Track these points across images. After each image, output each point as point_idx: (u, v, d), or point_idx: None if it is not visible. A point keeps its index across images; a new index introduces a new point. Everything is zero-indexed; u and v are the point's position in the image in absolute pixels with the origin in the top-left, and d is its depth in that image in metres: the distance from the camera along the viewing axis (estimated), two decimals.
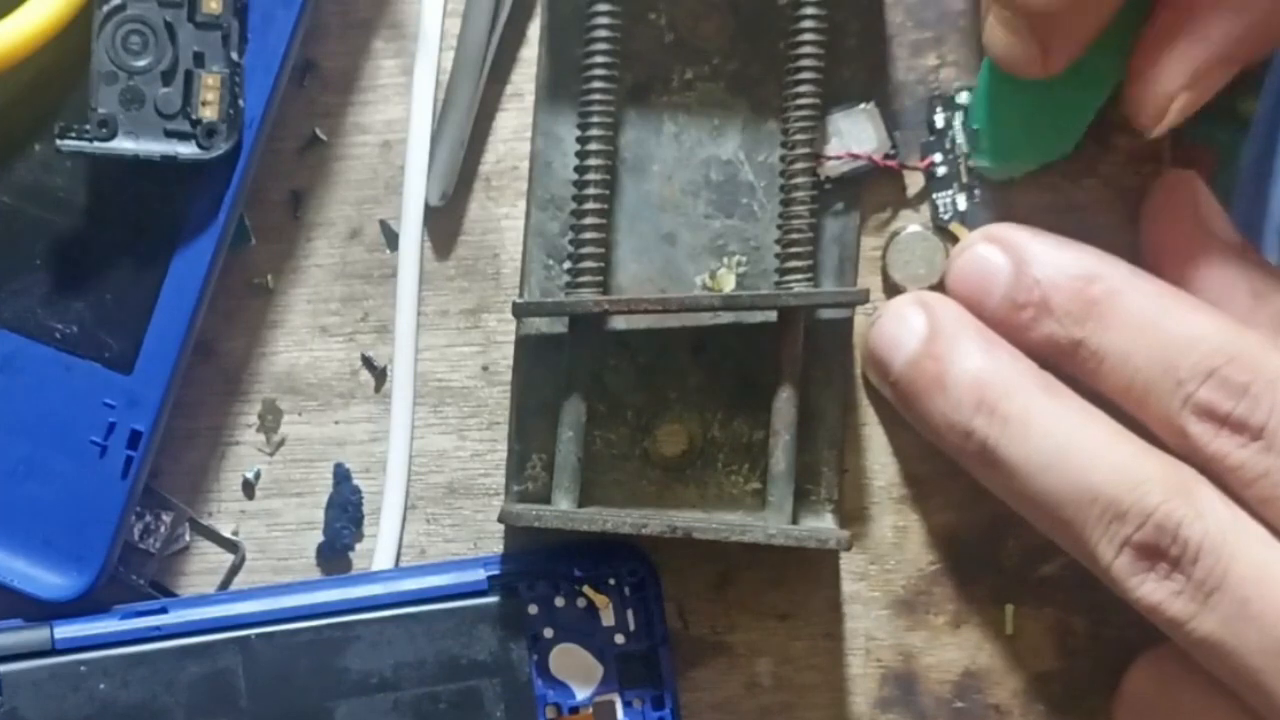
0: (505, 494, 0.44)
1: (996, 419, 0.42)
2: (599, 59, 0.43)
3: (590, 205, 0.43)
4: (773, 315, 0.44)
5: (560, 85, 0.44)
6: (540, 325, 0.44)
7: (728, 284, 0.44)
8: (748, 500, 0.44)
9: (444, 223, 0.45)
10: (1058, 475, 0.41)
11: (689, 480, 0.44)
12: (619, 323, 0.44)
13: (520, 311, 0.43)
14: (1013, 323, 0.43)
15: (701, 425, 0.44)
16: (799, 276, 0.43)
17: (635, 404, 0.44)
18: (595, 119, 0.43)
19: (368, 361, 0.45)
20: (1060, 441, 0.41)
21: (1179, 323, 0.42)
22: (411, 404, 0.45)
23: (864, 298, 0.43)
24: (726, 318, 0.44)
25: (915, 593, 0.46)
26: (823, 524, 0.44)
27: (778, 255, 0.43)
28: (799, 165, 0.43)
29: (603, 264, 0.43)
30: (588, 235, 0.43)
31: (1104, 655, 0.46)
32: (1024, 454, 0.41)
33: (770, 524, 0.43)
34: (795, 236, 0.43)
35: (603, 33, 0.43)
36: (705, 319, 0.44)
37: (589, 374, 0.43)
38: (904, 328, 0.43)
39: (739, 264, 0.44)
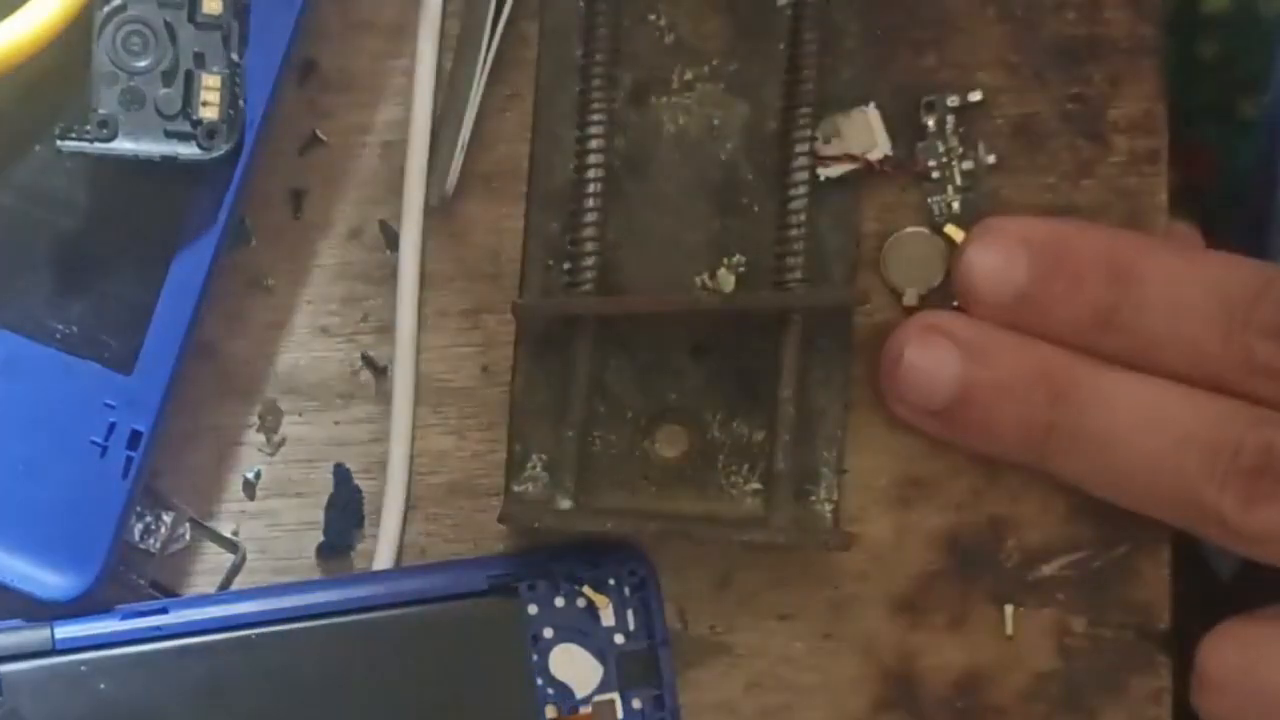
0: (505, 494, 0.44)
1: (1074, 403, 0.42)
2: (598, 59, 0.43)
3: (590, 205, 0.43)
4: (773, 315, 0.44)
5: (560, 85, 0.44)
6: (540, 325, 0.44)
7: (728, 284, 0.44)
8: (748, 500, 0.44)
9: (444, 223, 0.45)
10: (1147, 436, 0.42)
11: (689, 480, 0.44)
12: (619, 323, 0.44)
13: (520, 312, 0.43)
14: (1044, 303, 0.42)
15: (701, 425, 0.44)
16: (798, 276, 0.43)
17: (635, 404, 0.44)
18: (595, 119, 0.43)
19: (369, 360, 0.45)
20: (1138, 403, 0.42)
21: (1211, 261, 0.43)
22: (412, 404, 0.45)
23: (864, 298, 0.43)
24: (726, 318, 0.44)
25: (915, 593, 0.46)
26: (823, 524, 0.44)
27: (777, 255, 0.43)
28: (798, 166, 0.43)
29: (603, 264, 0.43)
30: (588, 235, 0.43)
31: (1104, 655, 0.46)
32: (1110, 425, 0.42)
33: (770, 524, 0.43)
34: (794, 235, 0.43)
35: (602, 33, 0.43)
36: (705, 319, 0.44)
37: (589, 374, 0.43)
38: (935, 356, 0.43)
39: (739, 264, 0.44)
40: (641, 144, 0.44)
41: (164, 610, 0.43)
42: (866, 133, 0.44)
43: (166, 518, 0.45)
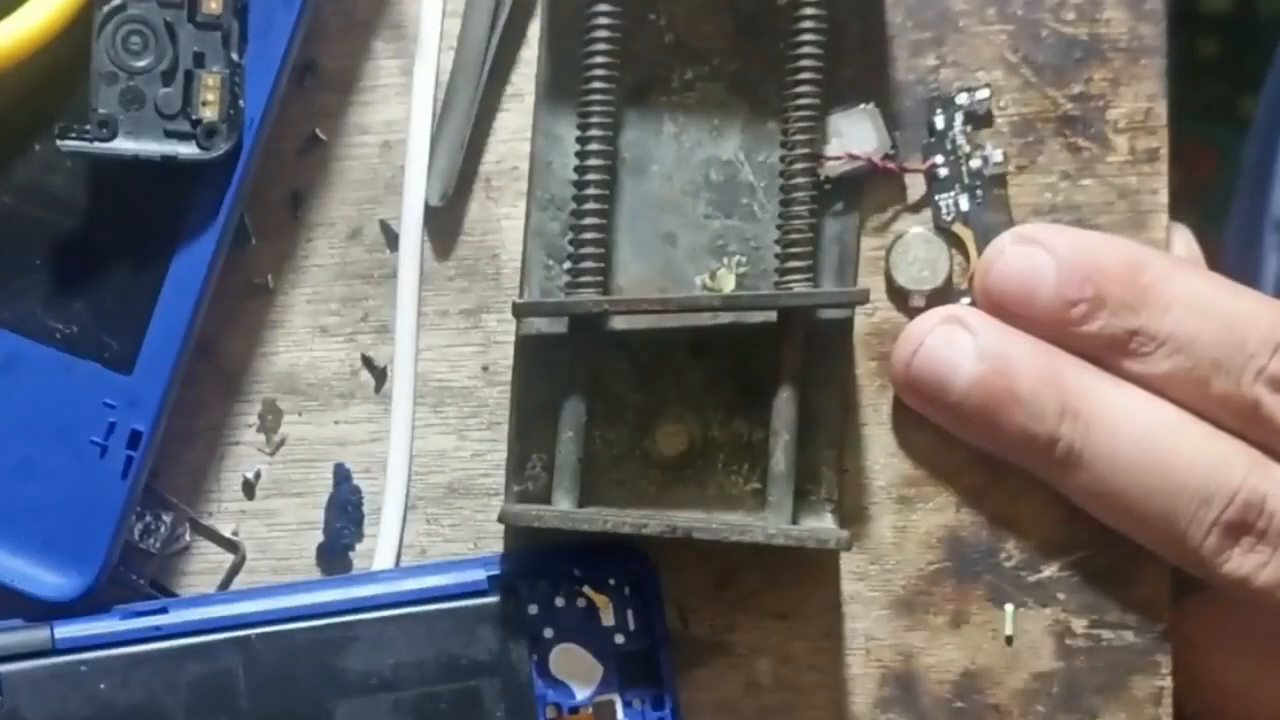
0: (505, 494, 0.44)
1: (1081, 422, 0.42)
2: (599, 59, 0.43)
3: (590, 205, 0.43)
4: (773, 315, 0.44)
5: (560, 85, 0.44)
6: (540, 325, 0.44)
7: (728, 284, 0.44)
8: (748, 500, 0.44)
9: (444, 223, 0.45)
10: (1146, 469, 0.42)
11: (689, 480, 0.44)
12: (619, 323, 0.44)
13: (520, 311, 0.43)
14: (1064, 320, 0.43)
15: (701, 425, 0.44)
16: (799, 277, 0.43)
17: (635, 404, 0.44)
18: (595, 119, 0.43)
19: (368, 361, 0.45)
20: (1144, 433, 0.42)
21: (1236, 301, 0.43)
22: (412, 404, 0.45)
23: (864, 297, 0.43)
24: (726, 318, 0.44)
25: (915, 593, 0.46)
26: (823, 524, 0.44)
27: (778, 255, 0.43)
28: (799, 165, 0.43)
29: (603, 264, 0.43)
30: (588, 235, 0.43)
31: (1104, 655, 0.46)
32: (1111, 453, 0.42)
33: (770, 524, 0.43)
34: (795, 237, 0.43)
35: (603, 33, 0.43)
36: (705, 319, 0.44)
37: (589, 374, 0.43)
38: (954, 349, 0.43)
39: (739, 264, 0.44)
40: (641, 144, 0.44)
41: (164, 610, 0.43)
42: (867, 131, 0.44)
43: (166, 518, 0.45)
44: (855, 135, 0.44)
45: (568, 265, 0.43)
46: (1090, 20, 0.45)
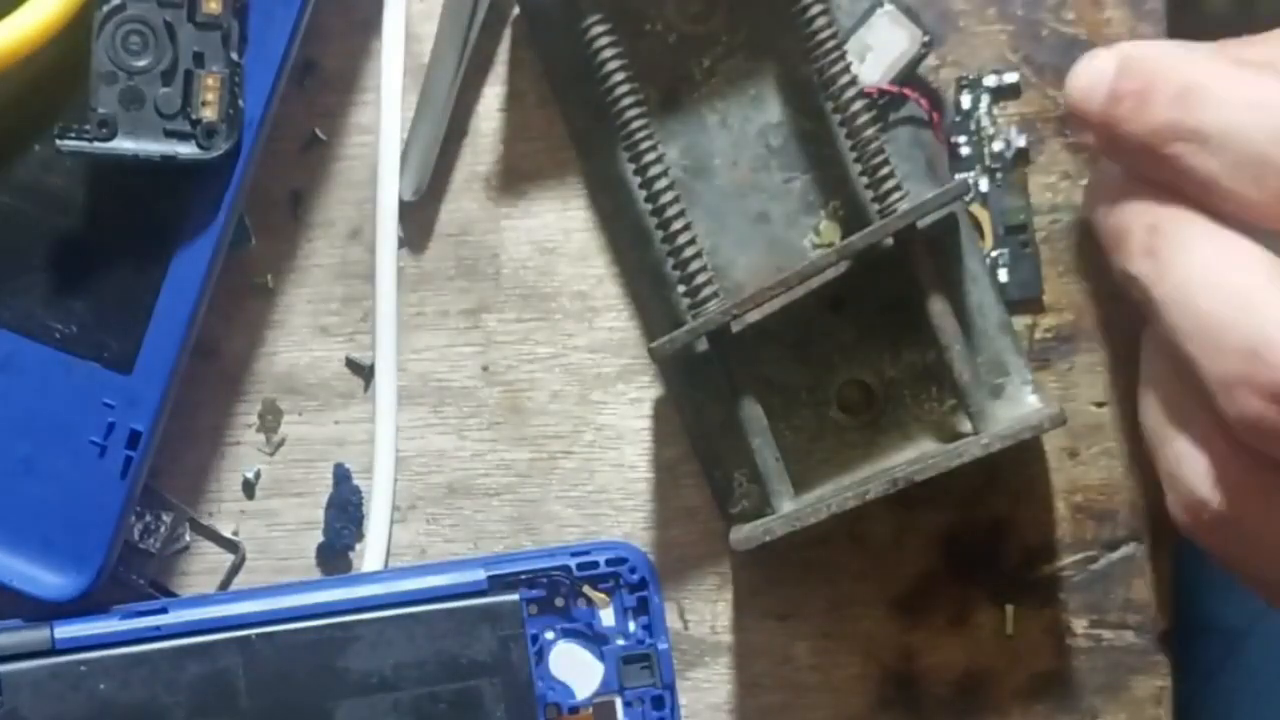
0: (726, 523, 0.44)
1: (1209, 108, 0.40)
2: (620, 89, 0.42)
3: (675, 227, 0.43)
4: (893, 240, 0.43)
5: (595, 130, 0.44)
6: (682, 356, 0.44)
7: (834, 233, 0.44)
8: (949, 420, 0.44)
9: (444, 223, 0.45)
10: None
11: (888, 426, 0.44)
12: (753, 316, 0.44)
13: (661, 353, 0.42)
14: (1115, 116, 0.40)
15: (875, 372, 0.44)
16: (896, 196, 0.42)
17: (804, 383, 0.44)
18: (643, 146, 0.42)
19: (353, 363, 0.45)
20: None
21: None
22: (395, 401, 0.45)
23: (965, 188, 0.42)
24: (849, 264, 0.43)
25: (915, 593, 0.46)
26: (1027, 408, 0.43)
27: (868, 186, 0.43)
28: (846, 96, 0.42)
29: (712, 273, 0.43)
30: (686, 254, 0.43)
31: (1104, 655, 0.46)
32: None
33: (981, 435, 0.42)
34: (875, 161, 0.42)
35: (612, 64, 0.42)
36: (829, 275, 0.43)
37: (748, 375, 0.43)
38: (1093, 66, 0.41)
39: (836, 209, 0.44)
40: (694, 145, 0.44)
41: (164, 610, 0.43)
42: (895, 34, 0.43)
43: (166, 518, 0.45)
44: (885, 42, 0.43)
45: (681, 289, 0.43)
46: (1090, 20, 0.45)
